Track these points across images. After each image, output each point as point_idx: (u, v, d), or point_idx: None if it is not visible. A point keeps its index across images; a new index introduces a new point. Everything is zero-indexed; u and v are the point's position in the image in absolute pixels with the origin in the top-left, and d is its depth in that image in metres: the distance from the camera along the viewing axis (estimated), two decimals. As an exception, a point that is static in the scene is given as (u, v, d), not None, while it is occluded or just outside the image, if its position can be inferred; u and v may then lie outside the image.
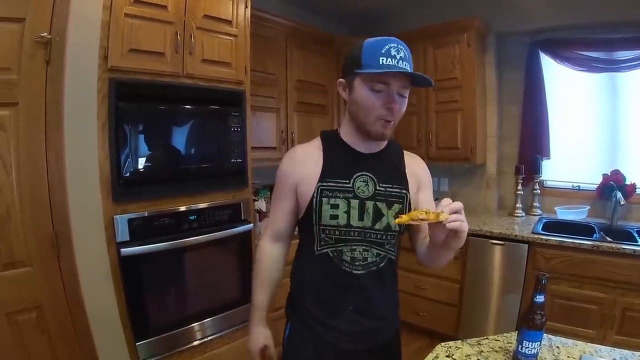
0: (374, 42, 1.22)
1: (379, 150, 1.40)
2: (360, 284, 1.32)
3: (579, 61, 3.39)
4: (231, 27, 2.62)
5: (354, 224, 1.29)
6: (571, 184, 3.60)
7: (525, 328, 1.27)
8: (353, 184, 1.32)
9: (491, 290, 3.16)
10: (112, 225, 2.16)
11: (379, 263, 1.34)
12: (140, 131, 2.28)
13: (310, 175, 1.33)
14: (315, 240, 1.34)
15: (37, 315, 1.98)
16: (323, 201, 1.29)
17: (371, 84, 1.22)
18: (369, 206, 1.31)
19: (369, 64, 1.20)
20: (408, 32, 3.72)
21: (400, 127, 3.75)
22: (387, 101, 1.23)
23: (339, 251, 1.31)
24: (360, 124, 1.30)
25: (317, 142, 1.42)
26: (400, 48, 1.21)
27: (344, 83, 1.33)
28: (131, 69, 2.18)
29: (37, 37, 1.90)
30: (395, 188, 1.36)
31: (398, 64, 1.19)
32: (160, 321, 2.37)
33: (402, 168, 1.42)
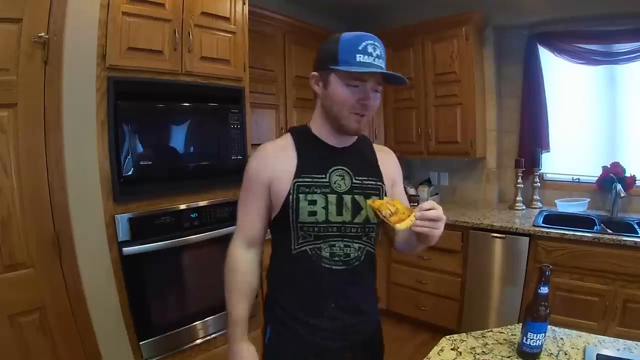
0: (351, 38, 1.20)
1: (351, 144, 1.38)
2: (341, 280, 1.30)
3: (577, 54, 3.37)
4: (229, 24, 2.60)
5: (332, 220, 1.27)
6: (571, 177, 3.59)
7: (530, 320, 1.26)
8: (329, 178, 1.29)
9: (492, 283, 3.16)
10: (113, 224, 2.15)
11: (360, 257, 1.32)
12: (140, 130, 2.26)
13: (284, 171, 1.28)
14: (292, 239, 1.29)
15: (39, 317, 1.97)
16: (300, 197, 1.25)
17: (347, 80, 1.21)
18: (347, 200, 1.29)
19: (346, 61, 1.18)
20: (406, 27, 3.75)
21: (400, 122, 3.92)
22: (362, 97, 1.22)
23: (318, 248, 1.28)
24: (333, 118, 1.28)
25: (287, 138, 1.37)
26: (376, 45, 1.21)
27: (317, 77, 1.30)
28: (130, 68, 2.17)
29: (35, 37, 1.88)
30: (371, 180, 1.35)
31: (375, 62, 1.19)
32: (163, 320, 2.36)
33: (375, 161, 1.42)
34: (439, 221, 1.14)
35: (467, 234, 3.23)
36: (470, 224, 3.21)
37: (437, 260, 3.41)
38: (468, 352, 1.34)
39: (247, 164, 1.37)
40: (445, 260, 3.37)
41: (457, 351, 1.35)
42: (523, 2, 3.43)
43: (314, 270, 1.28)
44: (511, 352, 1.34)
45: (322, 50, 1.28)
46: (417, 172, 4.29)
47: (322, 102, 1.31)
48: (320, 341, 1.32)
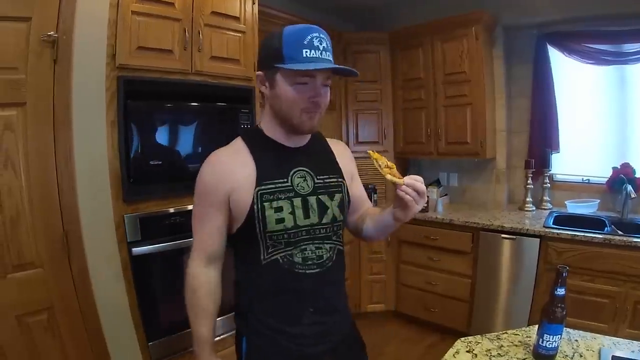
0: (295, 32, 1.13)
1: (306, 143, 1.32)
2: (316, 282, 1.24)
3: (587, 54, 3.30)
4: (239, 24, 2.57)
5: (301, 224, 1.21)
6: (581, 178, 3.52)
7: (546, 321, 1.23)
8: (291, 181, 1.23)
9: (502, 284, 3.10)
10: (122, 224, 2.11)
11: (332, 257, 1.27)
12: (150, 129, 2.23)
13: (244, 180, 1.19)
14: (261, 249, 1.21)
15: (47, 317, 1.93)
16: (265, 206, 1.18)
17: (295, 78, 1.13)
18: (312, 202, 1.24)
19: (292, 57, 1.10)
20: (415, 26, 3.69)
21: (409, 122, 3.88)
22: (312, 94, 1.15)
23: (289, 255, 1.21)
24: (284, 119, 1.20)
25: (238, 143, 1.28)
26: (322, 38, 1.13)
27: (262, 76, 1.21)
28: (139, 67, 2.13)
29: (44, 36, 1.85)
30: (332, 178, 1.30)
31: (322, 56, 1.12)
32: (172, 320, 2.31)
33: (332, 157, 1.37)
34: (422, 197, 1.12)
35: (478, 235, 3.17)
36: (480, 225, 3.15)
37: (446, 262, 3.35)
38: (484, 355, 1.31)
39: (199, 175, 1.25)
40: (455, 262, 3.31)
41: (473, 353, 1.32)
42: (533, 2, 3.36)
43: (288, 278, 1.22)
44: (527, 354, 1.31)
45: (265, 48, 1.20)
46: (426, 172, 4.21)
47: (271, 103, 1.23)
48: (301, 349, 1.26)
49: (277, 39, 1.13)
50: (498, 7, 3.48)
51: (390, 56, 3.90)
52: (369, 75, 3.86)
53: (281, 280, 1.23)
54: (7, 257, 1.80)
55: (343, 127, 3.88)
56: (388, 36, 3.85)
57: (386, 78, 3.91)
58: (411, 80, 3.80)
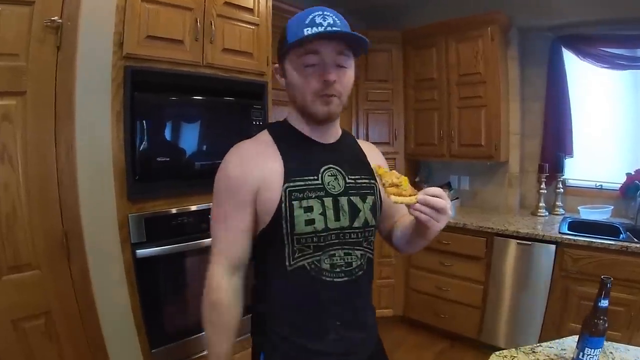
0: (297, 16, 1.04)
1: (337, 140, 1.20)
2: (344, 292, 1.10)
3: (602, 58, 3.20)
4: (253, 16, 2.42)
5: (331, 226, 1.07)
6: (593, 183, 3.39)
7: (588, 334, 1.17)
8: (322, 179, 1.09)
9: (516, 291, 2.97)
10: (126, 224, 1.96)
11: (363, 266, 1.13)
12: (157, 123, 2.07)
13: (272, 175, 1.06)
14: (287, 253, 1.06)
15: (45, 322, 1.78)
16: (294, 205, 1.04)
17: (301, 60, 1.03)
18: (344, 203, 1.10)
19: (294, 38, 1.01)
20: (429, 26, 3.56)
21: (421, 123, 3.71)
22: (321, 73, 1.02)
23: (317, 260, 1.07)
24: (300, 107, 1.09)
25: (264, 135, 1.16)
26: (327, 15, 1.02)
27: (277, 68, 1.13)
28: (148, 57, 1.98)
29: (47, 22, 1.69)
30: (364, 179, 1.17)
31: (325, 31, 1.00)
32: (177, 327, 2.17)
33: (364, 157, 1.24)
34: (442, 213, 0.96)
35: (492, 240, 3.04)
36: (495, 230, 3.01)
37: (459, 267, 3.21)
38: (520, 368, 1.23)
39: (222, 169, 1.11)
40: (467, 267, 3.17)
41: (509, 367, 1.23)
42: (548, 4, 3.24)
43: (315, 287, 1.08)
44: (565, 368, 1.24)
45: (279, 42, 1.12)
46: (437, 175, 4.09)
47: (289, 94, 1.13)
48: None
49: (284, 28, 1.07)
50: (513, 8, 3.34)
51: (403, 55, 3.74)
52: (380, 74, 3.70)
53: (308, 289, 1.08)
54: (2, 258, 1.65)
55: (353, 127, 3.72)
56: (401, 35, 3.71)
57: (398, 78, 3.76)
58: (424, 80, 3.66)
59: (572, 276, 2.66)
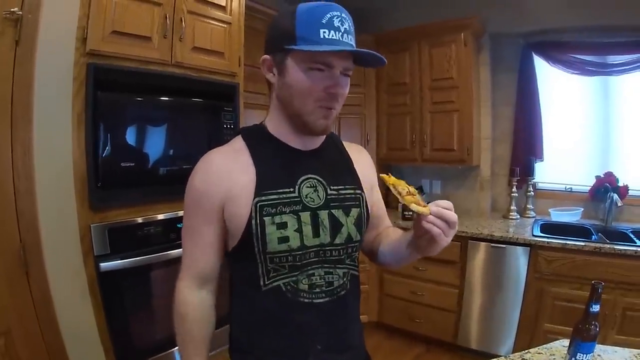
0: (311, 9, 0.92)
1: (320, 146, 1.09)
2: (325, 314, 1.02)
3: (572, 64, 3.28)
4: (225, 14, 2.34)
5: (309, 244, 0.99)
6: (563, 186, 3.47)
7: (579, 340, 1.15)
8: (299, 191, 1.00)
9: (491, 294, 2.98)
10: (88, 235, 1.85)
11: (346, 285, 1.05)
12: (122, 126, 1.97)
13: (241, 188, 0.98)
14: (261, 272, 0.99)
15: (5, 343, 1.66)
16: (265, 221, 0.96)
17: (309, 64, 0.92)
18: (324, 217, 1.01)
19: (307, 38, 0.90)
20: (403, 30, 3.56)
21: (393, 127, 3.67)
22: (330, 84, 0.94)
23: (294, 281, 0.99)
24: (294, 114, 0.99)
25: (238, 142, 1.06)
26: (344, 18, 0.93)
27: (270, 61, 0.99)
28: (113, 54, 1.87)
29: (6, 13, 1.58)
30: (349, 189, 1.07)
31: (343, 39, 0.92)
32: (147, 343, 2.05)
33: (349, 164, 1.14)
34: (452, 228, 0.89)
35: (466, 244, 3.04)
36: (469, 234, 3.02)
37: (433, 272, 3.19)
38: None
39: (189, 181, 1.03)
40: (442, 271, 3.16)
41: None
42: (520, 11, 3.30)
43: (291, 309, 1.00)
44: (557, 374, 1.23)
45: (273, 28, 0.99)
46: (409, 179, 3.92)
47: (278, 94, 1.01)
48: None
49: (289, 16, 0.92)
50: (485, 15, 3.38)
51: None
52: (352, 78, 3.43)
53: (284, 311, 1.00)
54: None
55: (324, 131, 3.64)
56: (374, 39, 3.68)
57: (370, 82, 3.75)
58: (397, 84, 3.65)
59: (546, 277, 2.70)
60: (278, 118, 1.04)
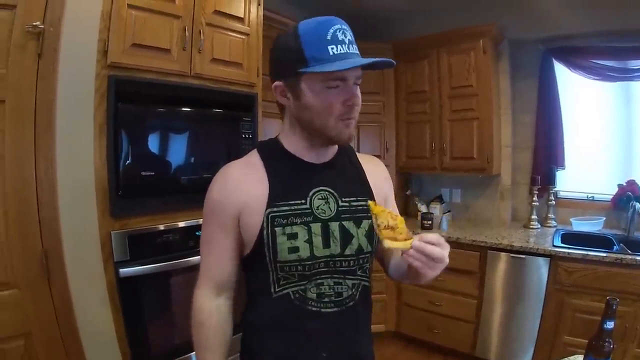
0: (314, 28, 0.93)
1: (332, 158, 1.11)
2: (333, 324, 1.03)
3: (593, 70, 3.20)
4: (243, 25, 2.36)
5: (319, 254, 1.00)
6: (585, 195, 3.39)
7: (593, 356, 1.15)
8: (310, 203, 1.02)
9: (510, 305, 2.91)
10: (109, 242, 1.87)
11: (355, 295, 1.06)
12: (142, 136, 1.99)
13: (254, 200, 1.01)
14: (272, 281, 1.02)
15: (25, 343, 1.68)
16: (277, 232, 0.98)
17: (325, 83, 0.94)
18: (334, 228, 1.02)
19: (317, 58, 0.91)
20: (421, 38, 3.55)
21: (413, 136, 3.65)
22: (347, 98, 0.96)
23: (303, 289, 1.01)
24: (317, 132, 1.01)
25: (253, 156, 1.09)
26: (345, 29, 0.95)
27: (283, 86, 1.00)
28: (133, 66, 1.90)
29: (29, 27, 1.61)
30: (361, 201, 1.07)
31: (350, 50, 0.94)
32: (164, 348, 2.07)
33: (362, 175, 1.15)
34: (438, 262, 0.89)
35: (485, 254, 2.98)
36: (488, 244, 2.96)
37: (452, 282, 3.14)
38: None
39: (208, 192, 1.07)
40: (461, 282, 3.10)
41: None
42: (539, 16, 3.23)
43: (299, 316, 1.02)
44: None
45: (279, 52, 1.00)
46: (428, 188, 4.05)
47: (297, 115, 1.02)
48: None
49: (293, 39, 0.94)
50: (504, 21, 3.33)
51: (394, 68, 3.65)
52: (371, 86, 3.64)
53: (291, 318, 1.03)
54: None
55: (344, 139, 3.65)
56: (392, 47, 3.68)
57: (389, 90, 3.73)
58: (416, 93, 3.63)
59: (566, 289, 2.62)
60: (293, 135, 1.06)
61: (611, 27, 3.03)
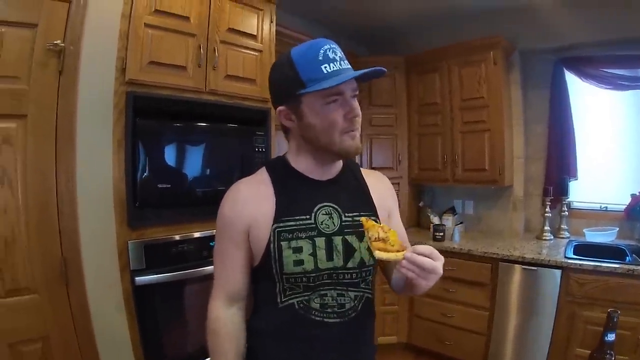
0: (305, 52, 1.00)
1: (337, 175, 1.15)
2: (336, 334, 1.06)
3: (604, 79, 3.17)
4: (256, 42, 2.41)
5: (322, 267, 1.04)
6: (598, 205, 3.32)
7: None
8: (315, 219, 1.06)
9: (521, 317, 2.87)
10: (125, 251, 1.92)
11: (357, 307, 1.09)
12: (159, 150, 2.05)
13: (262, 215, 1.06)
14: (278, 291, 1.07)
15: (42, 347, 1.74)
16: (282, 246, 1.03)
17: (324, 100, 0.99)
18: (337, 242, 1.06)
19: (313, 78, 0.97)
20: (432, 51, 3.56)
21: (425, 148, 3.67)
22: (347, 111, 1.01)
23: (307, 300, 1.05)
24: (323, 147, 1.05)
25: (262, 174, 1.14)
26: (334, 48, 1.01)
27: (286, 110, 1.06)
28: (150, 83, 1.97)
29: (50, 45, 1.69)
30: (364, 215, 1.09)
31: (342, 66, 1.00)
32: (177, 355, 2.10)
33: (366, 191, 1.18)
34: (430, 273, 0.92)
35: (497, 265, 2.95)
36: (500, 255, 2.93)
37: (463, 293, 3.12)
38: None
39: (220, 208, 1.12)
40: (472, 293, 3.07)
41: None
42: (549, 26, 3.22)
43: (302, 325, 1.06)
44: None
45: (278, 79, 1.06)
46: (440, 200, 4.02)
47: (303, 135, 1.07)
48: None
49: (288, 65, 1.01)
50: (515, 32, 3.33)
51: (406, 80, 3.74)
52: (384, 99, 3.69)
53: (296, 327, 1.06)
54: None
55: (357, 152, 3.66)
56: (404, 60, 3.71)
57: (401, 102, 3.75)
58: (427, 105, 3.64)
59: (578, 301, 2.58)
60: (298, 154, 1.12)
61: (621, 35, 3.00)
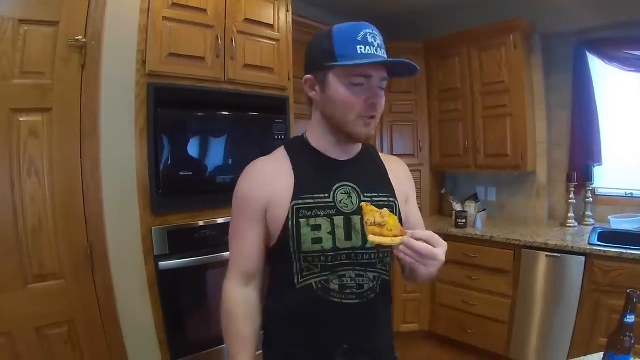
0: (346, 29, 0.99)
1: (356, 155, 1.14)
2: (354, 315, 1.05)
3: (628, 61, 3.04)
4: (273, 32, 2.42)
5: (341, 246, 1.03)
6: (624, 192, 3.21)
7: (613, 352, 1.11)
8: (334, 197, 1.05)
9: (544, 305, 2.81)
10: (149, 237, 1.97)
11: (375, 288, 1.08)
12: (180, 139, 2.09)
13: (280, 193, 1.04)
14: (295, 271, 1.04)
15: (68, 330, 1.81)
16: (301, 223, 1.01)
17: (350, 78, 0.98)
18: (356, 222, 1.04)
19: (346, 55, 0.97)
20: (451, 35, 3.50)
21: (446, 134, 3.64)
22: (369, 96, 1.00)
23: (325, 280, 1.03)
24: (337, 125, 1.04)
25: (280, 152, 1.13)
26: (376, 35, 1.00)
27: (312, 80, 1.05)
28: (170, 74, 2.01)
29: (72, 41, 1.75)
30: (382, 197, 1.10)
31: (377, 52, 0.98)
32: (199, 338, 2.14)
33: (385, 174, 1.17)
34: (429, 259, 0.89)
35: (519, 252, 2.89)
36: (522, 242, 2.87)
37: (485, 281, 3.07)
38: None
39: (236, 187, 1.11)
40: (494, 281, 3.02)
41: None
42: (570, 8, 3.13)
43: (321, 306, 1.04)
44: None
45: (313, 49, 1.06)
46: (463, 186, 3.95)
47: (322, 109, 1.06)
48: None
49: (327, 38, 1.00)
50: (535, 15, 3.24)
51: (425, 66, 3.67)
52: (403, 85, 3.64)
53: (314, 309, 1.05)
54: (27, 267, 1.70)
55: (377, 140, 3.66)
56: (423, 46, 3.65)
57: (421, 89, 3.70)
58: (447, 90, 3.58)
59: (602, 289, 2.51)
60: (319, 131, 1.10)
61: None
